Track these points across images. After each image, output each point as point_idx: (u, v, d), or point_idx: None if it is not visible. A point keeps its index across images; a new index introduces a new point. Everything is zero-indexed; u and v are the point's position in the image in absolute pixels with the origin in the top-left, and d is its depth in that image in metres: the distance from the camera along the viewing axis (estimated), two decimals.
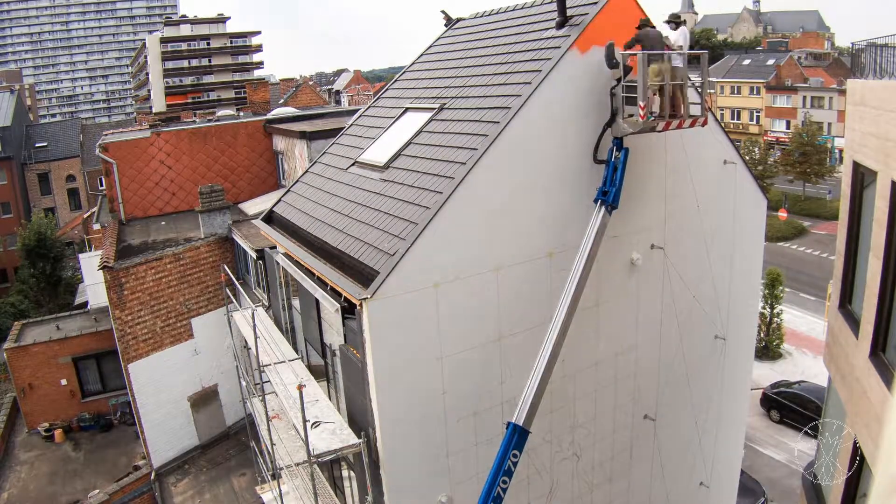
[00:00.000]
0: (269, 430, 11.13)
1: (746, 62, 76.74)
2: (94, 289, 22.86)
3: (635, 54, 9.04)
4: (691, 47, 10.09)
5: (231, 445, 19.43)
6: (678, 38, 9.80)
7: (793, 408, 23.75)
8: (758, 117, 72.07)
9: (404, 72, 13.78)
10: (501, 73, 10.39)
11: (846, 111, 9.19)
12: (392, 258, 8.38)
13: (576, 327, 10.07)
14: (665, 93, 9.28)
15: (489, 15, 13.04)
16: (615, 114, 9.59)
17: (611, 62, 9.43)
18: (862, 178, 8.32)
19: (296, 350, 12.30)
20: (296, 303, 12.42)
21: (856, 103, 8.59)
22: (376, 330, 8.24)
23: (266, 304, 15.10)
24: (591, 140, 9.73)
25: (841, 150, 52.75)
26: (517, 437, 8.38)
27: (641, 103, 8.91)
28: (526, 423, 8.45)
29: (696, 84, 10.04)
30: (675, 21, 10.05)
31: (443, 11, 14.17)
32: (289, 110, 27.03)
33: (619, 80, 9.39)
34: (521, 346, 9.58)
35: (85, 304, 24.52)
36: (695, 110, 9.76)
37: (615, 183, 9.40)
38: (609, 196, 9.34)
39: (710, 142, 11.12)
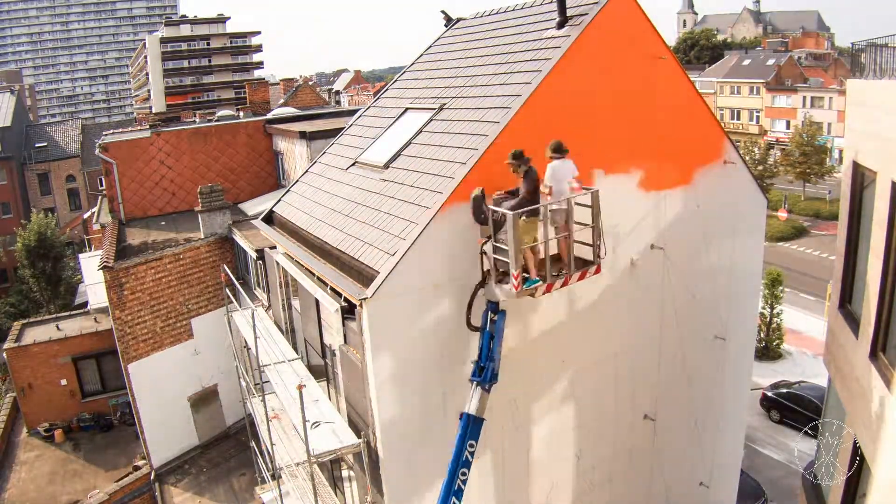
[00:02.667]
0: (269, 430, 11.12)
1: (746, 62, 76.69)
2: (94, 289, 22.85)
3: (499, 211, 7.74)
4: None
5: (231, 445, 19.42)
6: (547, 176, 8.23)
7: (793, 408, 23.71)
8: (758, 117, 72.03)
9: (404, 72, 13.78)
10: (501, 73, 10.40)
11: (846, 111, 9.19)
12: (392, 258, 8.37)
13: (576, 327, 10.09)
14: (542, 253, 7.97)
15: (489, 15, 13.05)
16: (486, 276, 8.40)
17: (478, 216, 8.24)
18: (862, 178, 8.32)
19: (296, 350, 12.30)
20: (296, 303, 12.41)
21: (856, 103, 8.60)
22: (376, 330, 8.24)
23: (266, 304, 15.10)
24: None
25: (841, 150, 52.74)
26: (471, 426, 8.12)
27: (514, 272, 7.63)
28: (478, 412, 8.15)
29: (588, 225, 8.40)
30: (550, 149, 8.32)
31: (443, 11, 14.18)
32: (289, 110, 27.02)
33: (489, 237, 8.11)
34: (524, 347, 9.58)
35: (85, 304, 24.51)
36: (586, 253, 8.55)
37: (492, 356, 8.20)
38: (486, 374, 8.17)
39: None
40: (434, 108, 11.12)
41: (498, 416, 9.57)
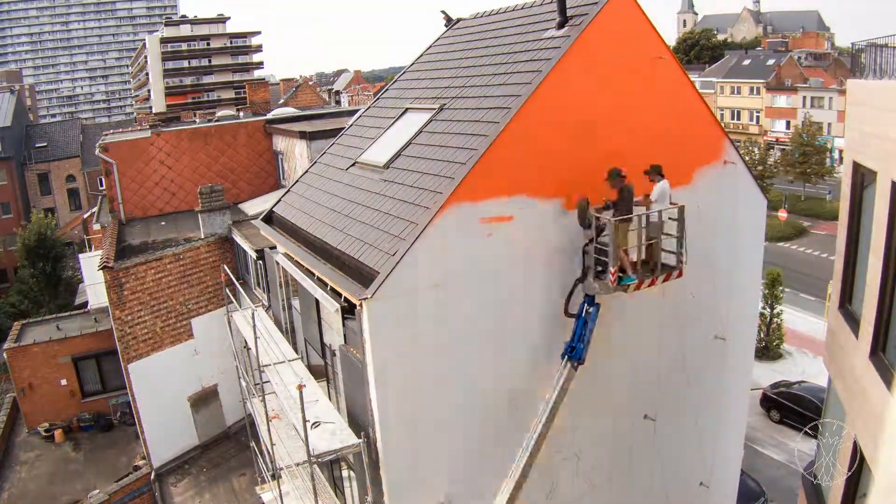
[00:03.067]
0: (269, 430, 11.12)
1: (746, 62, 76.68)
2: (94, 289, 22.85)
3: (602, 217, 8.89)
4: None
5: (231, 445, 19.42)
6: (656, 194, 9.41)
7: (793, 408, 23.71)
8: (758, 117, 72.03)
9: (404, 72, 13.78)
10: (501, 73, 10.39)
11: (846, 111, 9.19)
12: (392, 258, 8.37)
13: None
14: (638, 254, 9.14)
15: (489, 15, 13.04)
16: (586, 272, 9.51)
17: (583, 222, 9.30)
18: (862, 178, 8.32)
19: (296, 350, 12.30)
20: (296, 303, 12.42)
21: (856, 103, 8.59)
22: (376, 330, 8.24)
23: (266, 304, 15.10)
24: None
25: (841, 150, 52.75)
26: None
27: (612, 268, 8.81)
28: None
29: (674, 235, 9.48)
30: (656, 173, 9.48)
31: (443, 11, 14.18)
32: (289, 110, 27.03)
33: (591, 240, 9.25)
34: (521, 346, 9.58)
35: (85, 304, 24.51)
36: (670, 259, 9.58)
37: (584, 339, 9.28)
38: (576, 353, 9.26)
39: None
40: (434, 109, 11.12)
41: (498, 416, 9.58)
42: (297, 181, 13.19)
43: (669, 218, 9.36)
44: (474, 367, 9.18)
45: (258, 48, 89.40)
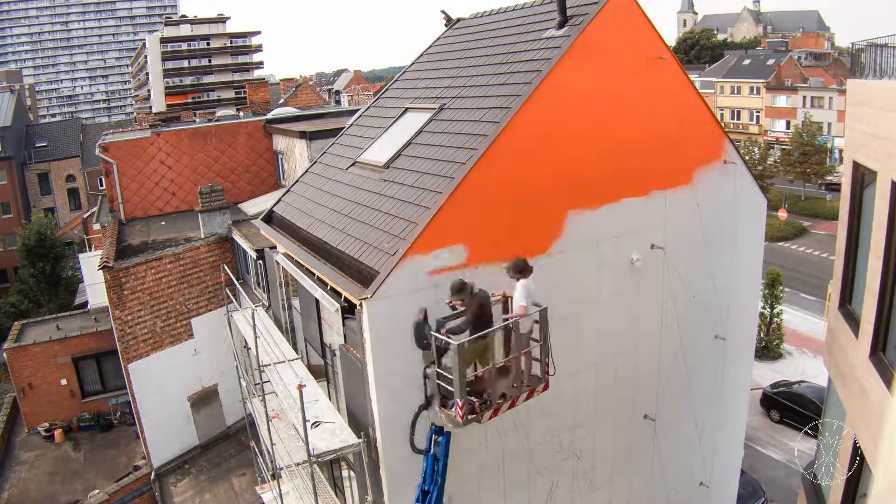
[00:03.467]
0: (269, 430, 11.13)
1: (746, 62, 76.68)
2: (94, 289, 22.84)
3: (442, 338, 7.34)
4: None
5: (231, 445, 19.41)
6: (521, 297, 7.71)
7: (793, 408, 23.72)
8: (758, 117, 72.02)
9: (404, 72, 13.78)
10: (501, 73, 10.39)
11: (846, 111, 9.18)
12: (392, 258, 8.37)
13: (576, 327, 10.09)
14: (487, 378, 7.54)
15: (489, 15, 13.04)
16: (430, 400, 7.96)
17: (420, 342, 7.86)
18: (862, 178, 8.32)
19: (296, 350, 12.30)
20: (296, 303, 12.42)
21: (856, 103, 8.59)
22: (376, 330, 8.23)
23: (266, 304, 15.10)
24: None
25: (841, 150, 52.72)
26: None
27: (459, 401, 7.21)
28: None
29: (538, 341, 7.97)
30: (515, 270, 7.80)
31: (443, 11, 14.17)
32: (289, 110, 27.02)
33: (432, 362, 7.74)
34: None
35: (85, 304, 24.50)
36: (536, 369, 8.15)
37: (437, 479, 7.92)
38: (430, 499, 7.83)
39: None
40: (434, 108, 11.12)
41: (498, 418, 9.57)
42: (297, 181, 13.19)
43: (535, 321, 7.85)
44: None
45: (258, 48, 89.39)
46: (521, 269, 7.76)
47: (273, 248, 13.28)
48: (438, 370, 7.58)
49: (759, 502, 18.41)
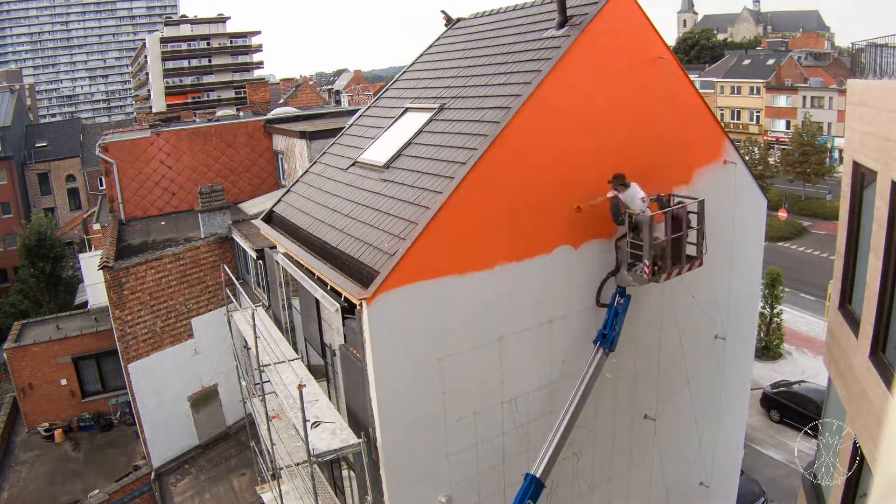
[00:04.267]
0: (269, 430, 11.12)
1: (746, 62, 76.68)
2: (94, 289, 22.87)
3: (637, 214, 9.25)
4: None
5: (231, 445, 19.42)
6: (636, 204, 9.51)
7: (793, 408, 23.73)
8: (758, 117, 72.02)
9: (404, 72, 13.78)
10: (501, 73, 10.39)
11: (846, 111, 9.18)
12: (392, 258, 8.37)
13: (576, 327, 10.10)
14: (667, 248, 9.47)
15: (489, 15, 13.04)
16: (619, 265, 9.94)
17: (617, 218, 9.62)
18: (862, 178, 8.32)
19: (296, 350, 12.29)
20: (296, 303, 12.41)
21: (856, 103, 8.58)
22: (376, 330, 8.23)
23: (266, 304, 15.10)
24: None
25: (841, 150, 52.74)
26: (534, 488, 8.75)
27: (647, 262, 9.26)
28: (543, 476, 8.86)
29: (695, 227, 9.99)
30: (619, 182, 9.57)
31: (443, 11, 14.17)
32: (289, 110, 27.03)
33: (623, 235, 9.64)
34: (522, 346, 9.58)
35: (85, 304, 24.53)
36: (692, 251, 9.99)
37: (615, 328, 9.68)
38: (608, 340, 9.64)
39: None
40: (434, 108, 11.12)
41: (497, 416, 9.58)
42: (297, 181, 13.19)
43: (689, 212, 9.80)
44: (475, 367, 9.18)
45: (258, 48, 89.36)
46: (620, 181, 9.51)
47: (273, 247, 13.28)
48: (630, 240, 9.49)
49: (759, 502, 18.41)
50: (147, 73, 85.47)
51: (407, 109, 12.03)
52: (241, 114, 29.22)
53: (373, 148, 11.60)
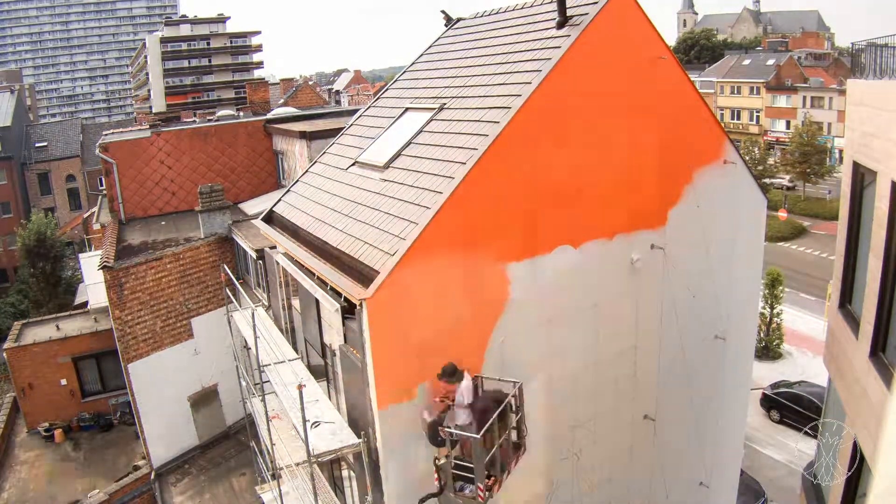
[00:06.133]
0: (269, 430, 11.12)
1: (746, 62, 76.73)
2: (94, 289, 22.85)
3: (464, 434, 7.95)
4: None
5: (231, 445, 19.42)
6: (466, 396, 8.34)
7: (793, 408, 23.74)
8: (758, 117, 72.06)
9: (404, 72, 13.78)
10: (501, 73, 10.39)
11: (846, 111, 9.19)
12: (392, 258, 8.38)
13: (576, 327, 10.09)
14: (497, 454, 8.23)
15: (489, 15, 13.04)
16: (443, 488, 8.46)
17: (435, 441, 8.36)
18: (862, 178, 8.32)
19: (296, 350, 12.29)
20: (296, 303, 12.41)
21: (856, 103, 8.59)
22: (376, 330, 8.23)
23: (266, 304, 15.10)
24: None
25: (841, 150, 52.73)
26: None
27: (480, 485, 7.93)
28: None
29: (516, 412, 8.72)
30: (448, 375, 8.41)
31: (443, 11, 14.17)
32: (289, 110, 27.02)
33: (447, 455, 8.30)
34: (522, 346, 9.58)
35: (85, 304, 24.50)
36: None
37: None
38: None
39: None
40: (434, 108, 11.12)
41: None
42: (297, 181, 13.19)
43: (514, 396, 8.62)
44: (475, 368, 9.17)
45: (258, 48, 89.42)
46: (451, 374, 8.38)
47: (273, 247, 13.28)
48: (455, 461, 8.18)
49: (759, 502, 18.41)
50: (147, 73, 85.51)
51: (407, 109, 12.03)
52: (241, 114, 29.21)
53: (373, 148, 11.61)
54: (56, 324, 23.34)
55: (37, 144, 56.13)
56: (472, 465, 7.96)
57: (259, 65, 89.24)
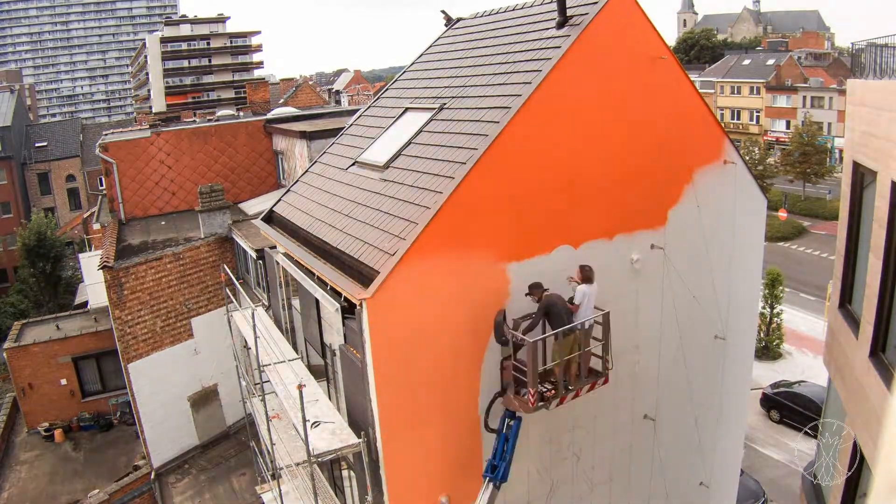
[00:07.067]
0: (269, 429, 11.12)
1: (746, 62, 76.71)
2: (94, 289, 22.86)
3: (519, 335, 8.48)
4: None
5: (231, 445, 19.43)
6: (578, 298, 8.93)
7: (793, 408, 23.74)
8: (758, 117, 72.04)
9: (404, 72, 13.78)
10: (501, 73, 10.39)
11: (846, 111, 9.19)
12: (392, 258, 8.38)
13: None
14: (559, 371, 8.74)
15: (489, 15, 13.04)
16: (505, 388, 9.04)
17: (499, 338, 8.88)
18: (862, 178, 8.32)
19: (296, 350, 12.29)
20: (296, 303, 12.41)
21: (856, 103, 8.59)
22: (376, 330, 8.23)
23: (266, 303, 15.10)
24: None
25: (841, 150, 52.74)
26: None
27: (531, 390, 8.36)
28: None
29: (599, 340, 9.15)
30: (583, 275, 9.04)
31: (443, 11, 14.17)
32: (289, 110, 27.02)
33: (508, 356, 8.84)
34: None
35: (85, 304, 24.51)
36: (597, 365, 9.29)
37: (505, 457, 8.84)
38: (498, 473, 8.78)
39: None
40: (434, 108, 11.12)
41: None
42: (297, 181, 13.19)
43: (595, 322, 9.07)
44: (475, 367, 9.18)
45: (258, 48, 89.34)
46: (587, 277, 9.02)
47: (273, 247, 13.28)
48: (514, 362, 8.67)
49: (760, 502, 18.41)
50: (147, 73, 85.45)
51: (407, 109, 12.03)
52: (241, 114, 29.22)
53: (373, 148, 11.61)
54: (56, 324, 23.35)
55: (37, 144, 56.10)
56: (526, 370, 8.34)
57: (259, 65, 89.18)
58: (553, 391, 8.79)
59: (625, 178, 10.19)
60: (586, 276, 9.03)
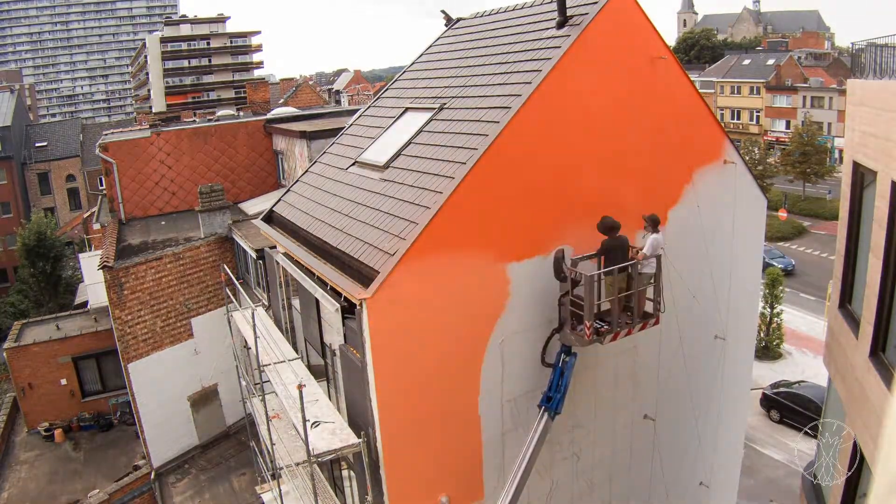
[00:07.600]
0: (269, 429, 11.12)
1: (746, 62, 76.72)
2: (94, 288, 22.85)
3: (577, 271, 8.83)
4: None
5: (231, 445, 19.42)
6: (648, 248, 9.26)
7: (793, 408, 23.74)
8: (758, 117, 72.05)
9: (404, 72, 13.78)
10: (501, 73, 10.39)
11: (846, 111, 9.18)
12: (392, 258, 8.38)
13: None
14: (615, 306, 9.08)
15: (489, 15, 13.04)
16: (562, 323, 9.38)
17: (558, 275, 9.19)
18: (862, 178, 8.32)
19: (296, 350, 12.29)
20: (296, 303, 12.41)
21: (856, 103, 8.59)
22: (376, 330, 8.24)
23: (266, 303, 15.09)
24: None
25: (841, 150, 52.75)
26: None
27: (587, 322, 8.74)
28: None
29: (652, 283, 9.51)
30: (651, 224, 9.47)
31: (443, 11, 14.17)
32: (289, 110, 27.01)
33: (566, 292, 9.14)
34: (523, 346, 9.58)
35: (85, 304, 24.51)
36: (648, 307, 9.54)
37: (560, 389, 9.29)
38: (553, 403, 9.26)
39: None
40: (434, 108, 11.12)
41: (498, 416, 9.58)
42: (297, 181, 13.19)
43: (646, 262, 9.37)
44: (475, 367, 9.18)
45: (258, 48, 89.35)
46: (656, 224, 9.46)
47: (273, 247, 13.28)
48: (572, 297, 9.01)
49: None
50: (147, 73, 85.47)
51: (407, 109, 12.03)
52: (241, 114, 29.21)
53: (373, 148, 11.61)
54: (56, 324, 23.34)
55: (37, 144, 56.10)
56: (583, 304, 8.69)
57: (259, 65, 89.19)
58: (607, 327, 9.10)
59: (624, 178, 10.20)
60: (654, 224, 9.41)
